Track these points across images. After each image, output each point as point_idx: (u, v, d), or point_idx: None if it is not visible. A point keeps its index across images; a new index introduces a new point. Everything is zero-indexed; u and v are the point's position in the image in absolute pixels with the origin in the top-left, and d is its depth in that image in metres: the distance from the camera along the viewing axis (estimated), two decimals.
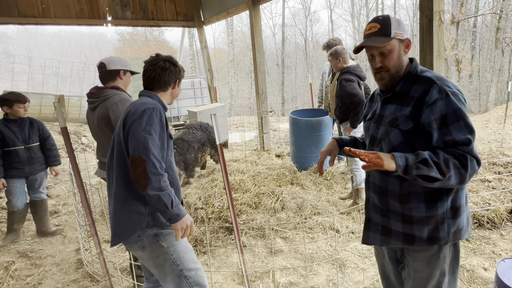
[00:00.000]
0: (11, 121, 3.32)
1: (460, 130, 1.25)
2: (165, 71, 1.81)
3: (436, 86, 1.31)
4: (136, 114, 1.63)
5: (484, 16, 18.98)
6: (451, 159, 1.22)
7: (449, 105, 1.27)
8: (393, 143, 1.41)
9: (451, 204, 1.37)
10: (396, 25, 1.38)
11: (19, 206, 3.46)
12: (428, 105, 1.30)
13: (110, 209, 1.77)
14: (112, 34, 36.96)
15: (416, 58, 1.53)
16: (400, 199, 1.41)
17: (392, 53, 1.39)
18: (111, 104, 2.33)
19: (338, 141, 1.73)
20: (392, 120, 1.41)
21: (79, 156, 6.49)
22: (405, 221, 1.41)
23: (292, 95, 28.94)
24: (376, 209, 1.52)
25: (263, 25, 28.23)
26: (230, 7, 6.45)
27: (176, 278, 1.79)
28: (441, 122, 1.27)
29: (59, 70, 13.41)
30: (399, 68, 1.42)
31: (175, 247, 1.78)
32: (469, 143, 1.24)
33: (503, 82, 19.06)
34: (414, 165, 1.20)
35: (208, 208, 3.59)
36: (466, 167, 1.22)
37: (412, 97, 1.37)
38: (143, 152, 1.56)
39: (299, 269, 2.79)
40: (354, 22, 27.07)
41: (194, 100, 8.87)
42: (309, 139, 4.67)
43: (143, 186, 1.56)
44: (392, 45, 1.38)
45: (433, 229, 1.37)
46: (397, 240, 1.45)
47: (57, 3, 6.12)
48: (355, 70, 3.62)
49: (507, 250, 2.86)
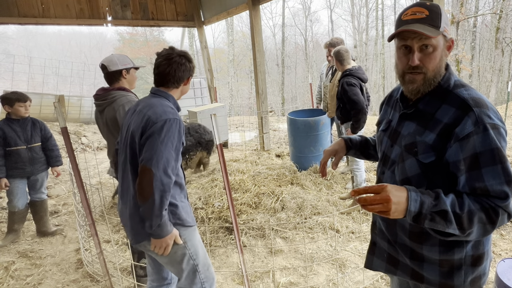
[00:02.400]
0: (14, 121, 3.32)
1: (495, 177, 0.97)
2: (181, 66, 1.75)
3: (472, 115, 1.00)
4: (157, 124, 1.59)
5: (484, 16, 19.00)
6: (477, 212, 0.96)
7: (486, 143, 0.98)
8: (407, 173, 1.15)
9: (472, 251, 1.12)
10: (445, 18, 1.08)
11: (20, 206, 3.45)
12: (458, 139, 1.01)
13: (124, 209, 1.76)
14: (112, 34, 36.97)
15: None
16: (410, 236, 1.18)
17: (436, 51, 1.07)
18: (118, 106, 2.34)
19: (347, 142, 1.50)
20: (410, 145, 1.14)
21: (79, 156, 6.49)
22: (414, 257, 1.19)
23: (292, 95, 28.96)
24: (383, 236, 1.31)
25: (263, 25, 28.25)
26: (230, 7, 6.45)
27: (191, 273, 1.82)
28: (472, 163, 0.99)
29: (59, 70, 13.43)
30: (438, 73, 1.10)
31: (192, 241, 1.80)
32: (505, 197, 0.96)
33: (503, 82, 19.06)
34: (428, 215, 0.95)
35: (208, 208, 3.59)
36: (494, 223, 0.97)
37: (439, 121, 1.07)
38: (154, 165, 1.54)
39: (299, 269, 2.79)
40: (354, 22, 27.07)
41: (194, 100, 8.87)
42: (307, 139, 4.67)
43: (145, 199, 1.55)
44: (439, 41, 1.07)
45: (447, 273, 1.13)
46: (404, 272, 1.25)
47: (57, 3, 6.12)
48: (357, 73, 3.62)
49: (507, 250, 2.86)
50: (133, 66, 2.53)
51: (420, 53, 1.08)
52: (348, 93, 3.52)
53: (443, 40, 1.09)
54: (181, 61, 1.75)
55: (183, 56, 1.77)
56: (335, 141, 1.55)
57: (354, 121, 3.59)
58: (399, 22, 1.10)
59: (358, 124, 3.58)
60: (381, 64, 25.79)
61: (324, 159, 1.48)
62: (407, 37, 1.08)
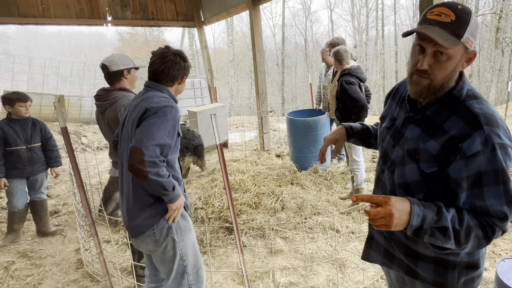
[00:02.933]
0: (14, 121, 3.32)
1: (495, 197, 0.96)
2: (175, 65, 1.75)
3: (482, 133, 0.96)
4: (152, 110, 1.61)
5: (484, 16, 19.00)
6: (475, 228, 0.96)
7: (492, 163, 0.95)
8: (407, 178, 1.13)
9: (468, 258, 1.12)
10: (474, 28, 1.00)
11: (19, 206, 3.45)
12: (464, 156, 0.97)
13: (123, 202, 1.79)
14: (112, 34, 37.00)
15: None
16: (406, 235, 1.17)
17: (450, 61, 1.01)
18: (120, 107, 2.35)
19: (348, 130, 1.48)
20: (412, 151, 1.10)
21: (79, 156, 6.49)
22: (409, 255, 1.19)
23: (292, 95, 28.95)
24: (379, 231, 1.30)
25: (263, 25, 28.25)
26: (230, 7, 6.45)
27: (179, 274, 1.82)
28: (475, 181, 0.97)
29: (59, 70, 13.43)
30: (446, 83, 1.05)
31: (184, 242, 1.80)
32: (504, 218, 0.97)
33: (503, 82, 19.06)
34: (429, 230, 0.95)
35: (208, 208, 3.59)
36: (489, 239, 0.97)
37: (446, 132, 1.02)
38: (144, 145, 1.52)
39: (299, 269, 2.79)
40: (354, 22, 27.06)
41: (194, 100, 8.87)
42: (306, 139, 4.68)
43: (143, 178, 1.53)
44: (456, 52, 1.01)
45: (441, 271, 1.13)
46: (399, 267, 1.25)
47: (57, 3, 6.12)
48: (355, 72, 3.63)
49: (507, 250, 2.86)
50: (134, 66, 2.53)
51: (432, 58, 1.02)
52: (348, 92, 3.53)
53: (463, 51, 1.02)
54: (175, 59, 1.75)
55: (178, 55, 1.77)
56: (336, 128, 1.53)
57: (356, 118, 3.60)
58: (423, 19, 1.03)
59: (360, 121, 3.59)
60: (381, 64, 25.79)
61: (323, 147, 1.48)
62: (424, 39, 1.01)
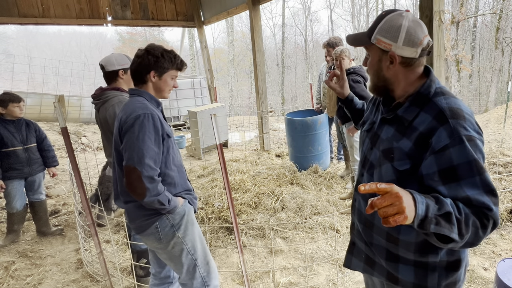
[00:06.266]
0: (8, 122, 3.31)
1: (474, 188, 0.95)
2: (142, 61, 1.66)
3: (448, 126, 0.98)
4: (128, 123, 1.59)
5: (484, 16, 18.99)
6: (471, 215, 0.93)
7: (463, 155, 0.95)
8: (383, 179, 1.15)
9: (447, 257, 1.11)
10: (384, 30, 1.08)
11: (18, 207, 3.45)
12: (434, 152, 0.99)
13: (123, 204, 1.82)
14: (112, 34, 36.96)
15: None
16: (387, 237, 1.18)
17: (371, 60, 1.17)
18: (109, 106, 2.33)
19: (350, 95, 1.63)
20: (387, 150, 1.13)
21: (79, 156, 6.49)
22: (389, 259, 1.19)
23: (292, 95, 28.94)
24: (360, 237, 1.31)
25: (263, 25, 28.26)
26: (230, 7, 6.45)
27: (191, 268, 1.83)
28: (450, 175, 0.97)
29: (59, 70, 13.42)
30: (379, 82, 1.17)
31: (190, 236, 1.81)
32: (488, 208, 0.95)
33: (503, 82, 19.07)
34: (434, 219, 0.87)
35: (208, 208, 3.59)
36: (486, 228, 0.94)
37: (415, 129, 1.05)
38: (137, 162, 1.55)
39: (299, 269, 2.79)
40: (354, 22, 27.07)
41: (194, 100, 8.88)
42: (305, 139, 4.68)
43: (141, 195, 1.58)
44: (373, 52, 1.16)
45: (421, 274, 1.13)
46: (380, 274, 1.25)
47: (57, 3, 6.12)
48: (360, 71, 3.66)
49: (507, 250, 2.86)
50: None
51: (366, 59, 1.20)
52: (356, 90, 3.53)
53: (380, 52, 1.13)
54: (141, 55, 1.67)
55: (145, 50, 1.68)
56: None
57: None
58: None
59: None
60: None
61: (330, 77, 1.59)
62: None
